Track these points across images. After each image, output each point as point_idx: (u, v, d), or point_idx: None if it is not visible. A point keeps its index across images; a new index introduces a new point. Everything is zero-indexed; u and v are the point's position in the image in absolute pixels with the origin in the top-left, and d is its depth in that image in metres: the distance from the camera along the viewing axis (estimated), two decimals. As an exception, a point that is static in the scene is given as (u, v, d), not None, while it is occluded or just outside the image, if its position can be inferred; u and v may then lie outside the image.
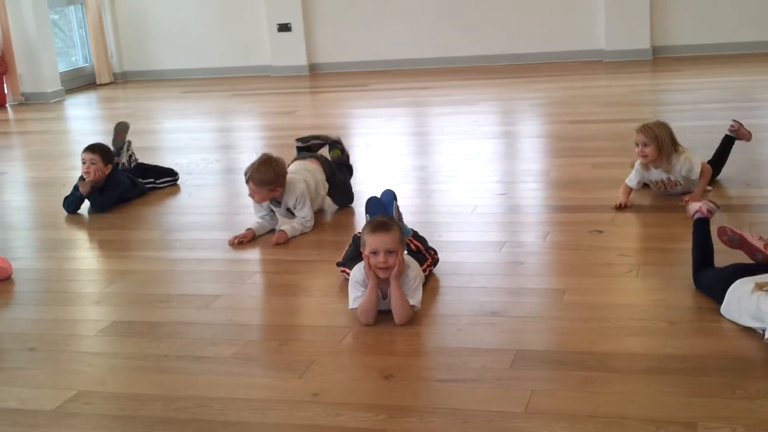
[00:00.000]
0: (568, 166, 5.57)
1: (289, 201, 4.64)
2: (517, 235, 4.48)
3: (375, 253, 3.39)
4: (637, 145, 4.67)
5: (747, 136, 4.98)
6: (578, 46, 9.76)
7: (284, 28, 10.17)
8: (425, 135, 7.26)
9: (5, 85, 10.03)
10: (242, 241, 4.53)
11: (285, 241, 4.51)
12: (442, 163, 6.02)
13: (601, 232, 4.31)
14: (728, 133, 4.97)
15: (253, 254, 4.46)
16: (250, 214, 4.99)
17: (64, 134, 8.45)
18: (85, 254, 4.75)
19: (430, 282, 3.77)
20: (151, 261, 4.45)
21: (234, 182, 5.99)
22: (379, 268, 3.39)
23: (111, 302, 3.93)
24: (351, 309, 3.49)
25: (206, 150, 6.97)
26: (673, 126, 4.77)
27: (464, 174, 5.62)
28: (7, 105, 9.97)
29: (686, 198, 4.53)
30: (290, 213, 4.70)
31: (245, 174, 4.58)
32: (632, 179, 4.70)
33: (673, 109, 6.96)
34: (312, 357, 3.19)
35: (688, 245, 3.99)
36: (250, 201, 5.40)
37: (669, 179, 4.70)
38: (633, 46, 9.54)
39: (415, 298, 3.44)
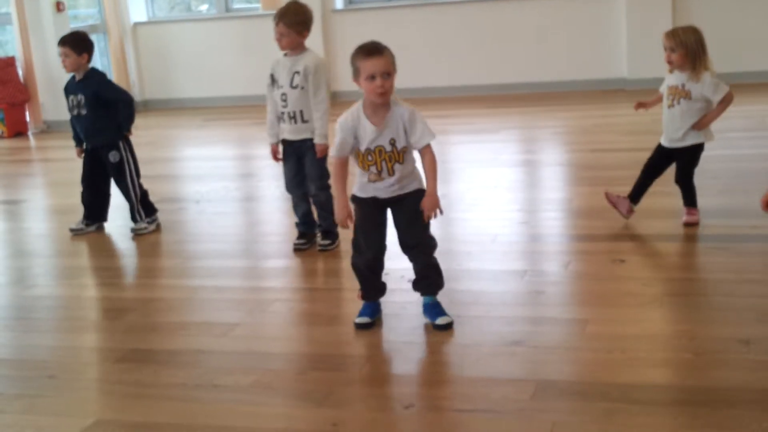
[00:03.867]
0: (590, 195, 5.53)
1: (301, 62, 4.63)
2: (539, 264, 4.44)
3: (372, 77, 3.38)
4: (665, 49, 4.60)
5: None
6: (600, 74, 9.75)
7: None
8: (446, 163, 7.23)
9: (27, 113, 10.14)
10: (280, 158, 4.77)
11: (327, 149, 4.58)
12: (462, 191, 6.00)
13: (623, 261, 4.27)
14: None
15: (273, 282, 4.44)
16: (271, 242, 5.00)
17: (86, 162, 8.51)
18: (104, 281, 4.75)
19: (450, 310, 3.73)
20: (171, 288, 4.44)
21: (254, 210, 6.00)
22: (378, 93, 3.38)
23: (130, 330, 3.92)
24: (332, 156, 3.55)
25: (226, 178, 6.99)
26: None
27: (485, 203, 5.60)
28: (29, 133, 10.06)
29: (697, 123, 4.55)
30: (291, 85, 4.63)
31: (275, 18, 4.62)
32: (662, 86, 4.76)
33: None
34: (331, 386, 3.16)
35: (712, 275, 3.95)
36: (270, 229, 5.42)
37: (683, 87, 4.57)
38: (655, 75, 9.49)
39: (431, 133, 3.48)
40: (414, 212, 3.53)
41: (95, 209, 5.48)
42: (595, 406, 2.88)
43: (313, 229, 4.87)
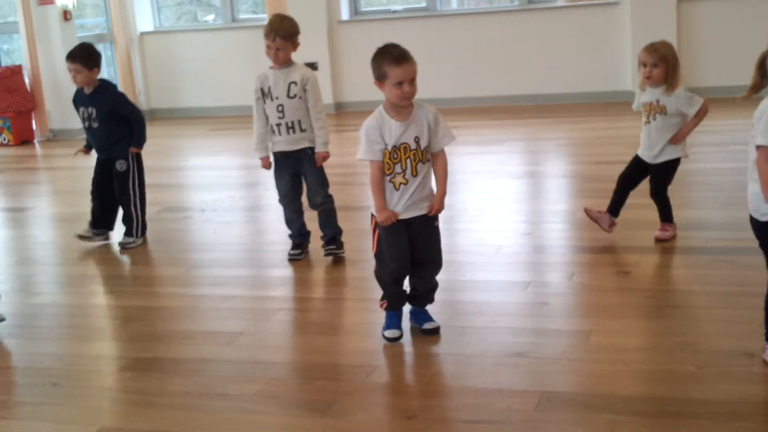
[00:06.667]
0: (594, 207, 5.52)
1: (296, 74, 4.61)
2: (543, 275, 4.44)
3: (400, 83, 3.42)
4: (643, 65, 4.50)
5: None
6: (605, 87, 9.76)
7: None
8: (451, 174, 7.13)
9: (34, 121, 10.18)
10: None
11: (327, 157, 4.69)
12: (467, 202, 6.01)
13: (627, 273, 4.28)
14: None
15: (277, 291, 4.45)
16: (276, 251, 5.00)
17: (91, 171, 8.50)
18: (109, 290, 4.76)
19: (455, 320, 3.74)
20: (175, 297, 4.45)
21: (259, 219, 6.01)
22: (405, 98, 3.46)
23: (134, 338, 3.92)
24: (358, 159, 3.51)
25: (232, 187, 7.01)
26: (702, 167, 4.73)
27: (489, 214, 5.61)
28: (35, 141, 10.10)
29: (674, 137, 4.53)
30: (288, 95, 4.59)
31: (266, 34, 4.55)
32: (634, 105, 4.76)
33: (702, 151, 6.92)
34: (335, 396, 3.16)
35: (716, 288, 3.95)
36: (274, 238, 5.42)
37: (658, 102, 4.53)
38: (659, 88, 9.53)
39: (452, 135, 3.64)
40: (431, 230, 3.60)
41: (102, 218, 5.47)
42: (598, 418, 2.88)
43: (307, 239, 4.92)
